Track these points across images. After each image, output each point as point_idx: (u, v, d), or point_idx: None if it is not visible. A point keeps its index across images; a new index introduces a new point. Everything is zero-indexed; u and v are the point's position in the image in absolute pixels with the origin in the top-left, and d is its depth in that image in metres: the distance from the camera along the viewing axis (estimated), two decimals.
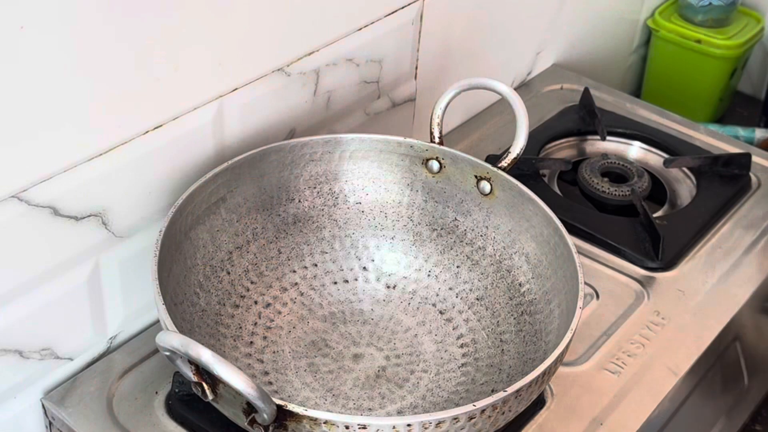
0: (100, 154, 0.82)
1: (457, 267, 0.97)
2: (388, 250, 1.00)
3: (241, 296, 0.93)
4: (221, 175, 0.90)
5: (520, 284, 0.93)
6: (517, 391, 0.73)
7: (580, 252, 0.90)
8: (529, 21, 1.33)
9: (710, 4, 1.56)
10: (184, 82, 0.86)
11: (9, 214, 0.77)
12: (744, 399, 1.06)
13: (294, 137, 1.00)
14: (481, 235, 0.97)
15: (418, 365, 0.90)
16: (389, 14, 1.05)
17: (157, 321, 0.95)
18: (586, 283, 0.97)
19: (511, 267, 0.94)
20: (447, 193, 0.98)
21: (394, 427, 0.70)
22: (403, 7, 1.06)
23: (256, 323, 0.92)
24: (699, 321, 1.00)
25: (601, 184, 1.17)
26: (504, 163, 0.95)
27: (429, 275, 0.98)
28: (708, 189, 1.17)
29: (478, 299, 0.95)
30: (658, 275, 1.06)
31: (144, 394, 0.88)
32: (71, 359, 0.89)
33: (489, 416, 0.73)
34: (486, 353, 0.91)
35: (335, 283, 0.97)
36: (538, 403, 0.89)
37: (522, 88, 1.37)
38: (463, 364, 0.90)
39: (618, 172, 1.20)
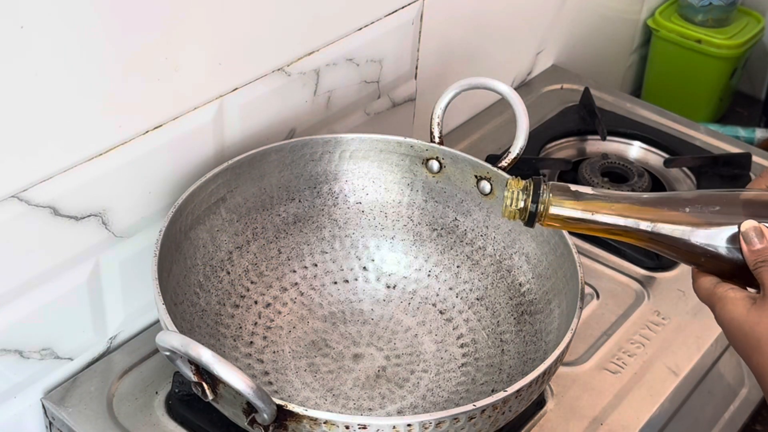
0: (100, 154, 0.82)
1: (458, 267, 0.97)
2: (388, 250, 0.99)
3: (241, 296, 0.93)
4: (221, 175, 0.90)
5: (520, 284, 0.93)
6: (518, 391, 0.73)
7: (580, 252, 0.90)
8: (529, 21, 1.33)
9: (710, 4, 1.56)
10: (184, 82, 0.86)
11: (9, 214, 0.77)
12: (744, 399, 1.06)
13: (294, 137, 1.00)
14: (481, 235, 0.97)
15: (418, 365, 0.90)
16: (389, 14, 1.05)
17: (157, 321, 0.95)
18: (586, 283, 0.97)
19: (511, 267, 0.94)
20: (447, 192, 0.98)
21: (394, 427, 0.70)
22: (403, 7, 1.06)
23: (256, 323, 0.92)
24: (699, 321, 1.00)
25: (602, 184, 1.17)
26: (504, 163, 0.95)
27: (429, 275, 0.98)
28: (708, 189, 1.16)
29: (478, 299, 0.95)
30: (658, 275, 1.06)
31: (144, 394, 0.88)
32: (71, 359, 0.89)
33: (489, 416, 0.73)
34: (486, 353, 0.91)
35: (335, 283, 0.97)
36: (538, 403, 0.89)
37: (522, 88, 1.37)
38: (463, 364, 0.90)
39: (618, 172, 1.20)
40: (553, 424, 0.88)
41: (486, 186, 0.95)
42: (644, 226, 0.73)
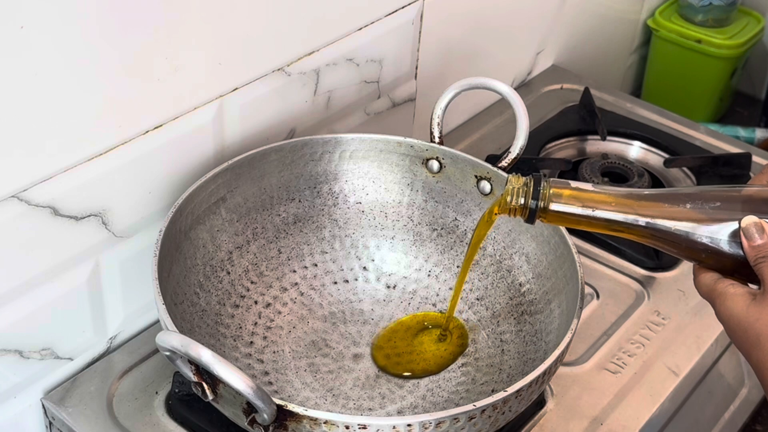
0: (100, 154, 0.82)
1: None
2: (388, 250, 1.00)
3: (241, 296, 0.93)
4: (221, 175, 0.90)
5: (520, 284, 0.93)
6: (518, 391, 0.73)
7: (580, 252, 0.90)
8: (529, 21, 1.33)
9: (710, 4, 1.56)
10: (184, 82, 0.86)
11: (9, 214, 0.77)
12: (744, 399, 1.06)
13: (294, 137, 1.00)
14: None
15: (418, 365, 0.90)
16: (389, 14, 1.05)
17: (157, 321, 0.95)
18: (586, 283, 0.97)
19: (511, 267, 0.94)
20: (447, 192, 0.98)
21: (394, 427, 0.70)
22: (403, 7, 1.06)
23: (256, 323, 0.92)
24: (699, 321, 1.00)
25: (602, 184, 1.17)
26: (504, 163, 0.95)
27: (429, 275, 0.98)
28: (709, 185, 1.17)
29: (478, 299, 0.95)
30: (658, 275, 1.06)
31: (144, 394, 0.88)
32: (71, 359, 0.89)
33: (489, 416, 0.73)
34: (486, 353, 0.91)
35: (335, 283, 0.97)
36: (538, 403, 0.89)
37: (522, 88, 1.37)
38: (463, 364, 0.90)
39: (618, 172, 1.20)
40: (553, 424, 0.88)
41: (486, 186, 0.95)
42: (645, 222, 0.73)
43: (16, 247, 0.79)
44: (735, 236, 0.72)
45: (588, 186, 0.75)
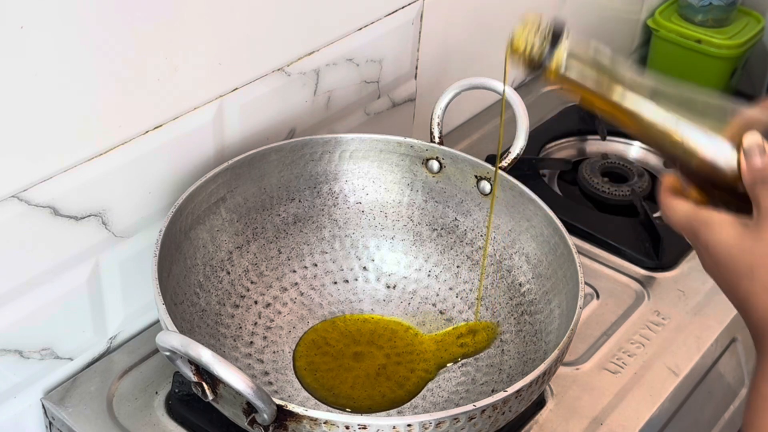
0: (100, 154, 0.82)
1: (457, 267, 0.97)
2: (388, 250, 1.00)
3: (241, 296, 0.93)
4: (221, 175, 0.90)
5: (520, 284, 0.93)
6: (518, 391, 0.73)
7: (580, 252, 0.90)
8: None
9: (710, 4, 1.55)
10: (184, 82, 0.86)
11: (9, 214, 0.77)
12: (744, 399, 1.06)
13: (294, 137, 1.00)
14: (482, 235, 0.97)
15: (418, 365, 0.90)
16: (389, 14, 1.05)
17: (157, 321, 0.95)
18: (586, 283, 0.96)
19: (511, 267, 0.94)
20: (447, 193, 0.98)
21: (394, 427, 0.70)
22: (403, 7, 1.06)
23: (256, 323, 0.92)
24: (699, 321, 1.00)
25: (601, 184, 1.17)
26: (504, 163, 0.95)
27: (429, 275, 0.98)
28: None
29: (478, 299, 0.95)
30: (658, 275, 1.06)
31: (144, 394, 0.88)
32: (71, 359, 0.89)
33: (489, 416, 0.73)
34: (486, 353, 0.91)
35: (335, 283, 0.97)
36: (538, 403, 0.89)
37: (522, 88, 1.37)
38: (463, 364, 0.90)
39: (618, 172, 1.20)
40: (553, 424, 0.88)
41: (486, 186, 0.95)
42: (650, 114, 0.67)
43: (16, 247, 0.79)
44: (733, 154, 0.65)
45: (606, 58, 0.69)
